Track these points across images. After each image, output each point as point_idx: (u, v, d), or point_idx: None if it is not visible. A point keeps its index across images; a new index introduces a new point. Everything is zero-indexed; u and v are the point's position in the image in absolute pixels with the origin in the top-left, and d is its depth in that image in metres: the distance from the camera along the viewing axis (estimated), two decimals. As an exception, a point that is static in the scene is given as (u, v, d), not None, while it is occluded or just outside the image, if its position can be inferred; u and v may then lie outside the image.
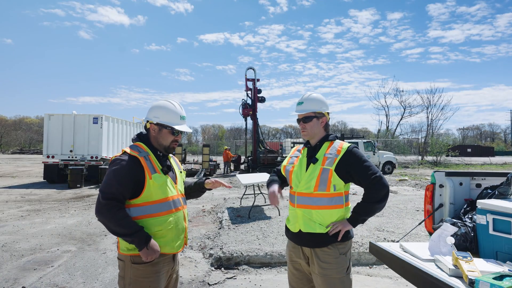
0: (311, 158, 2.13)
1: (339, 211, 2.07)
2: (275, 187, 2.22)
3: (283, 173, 2.32)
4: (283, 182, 2.35)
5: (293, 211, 2.15)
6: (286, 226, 2.27)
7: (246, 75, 19.50)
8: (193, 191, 2.31)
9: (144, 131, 2.14)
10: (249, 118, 20.09)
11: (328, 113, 2.22)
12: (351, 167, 2.03)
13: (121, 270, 1.96)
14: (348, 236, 2.08)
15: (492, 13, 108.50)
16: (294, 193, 2.15)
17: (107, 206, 1.81)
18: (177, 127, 2.03)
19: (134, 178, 1.88)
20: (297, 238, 2.13)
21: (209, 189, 2.29)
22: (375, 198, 2.02)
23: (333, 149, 2.10)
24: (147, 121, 2.06)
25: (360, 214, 2.05)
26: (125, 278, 1.92)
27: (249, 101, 19.63)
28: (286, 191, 2.35)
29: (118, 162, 1.90)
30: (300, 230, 2.09)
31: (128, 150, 1.95)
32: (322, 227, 2.04)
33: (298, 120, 2.20)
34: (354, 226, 2.06)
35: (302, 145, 2.27)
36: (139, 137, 2.07)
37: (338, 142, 2.15)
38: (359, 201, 2.09)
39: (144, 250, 1.84)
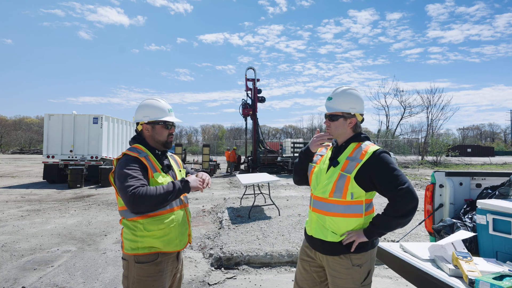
0: (333, 160, 1.94)
1: (357, 220, 1.86)
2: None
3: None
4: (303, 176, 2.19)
5: (310, 214, 2.05)
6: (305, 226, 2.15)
7: (246, 75, 19.53)
8: None
9: (135, 133, 2.15)
10: (249, 118, 20.11)
11: (361, 114, 1.98)
12: (374, 175, 1.80)
13: (125, 270, 1.96)
14: (366, 247, 1.85)
15: (491, 13, 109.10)
16: (312, 195, 2.04)
17: (137, 195, 1.75)
18: (168, 119, 2.08)
19: (141, 171, 1.89)
20: (311, 241, 2.02)
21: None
22: (398, 212, 1.76)
23: (357, 152, 1.88)
24: (138, 123, 2.09)
25: (378, 227, 1.80)
26: (129, 277, 1.92)
27: (249, 101, 19.65)
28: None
29: (122, 159, 1.92)
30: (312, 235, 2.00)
31: (127, 152, 1.96)
32: (334, 236, 1.87)
33: (326, 115, 2.00)
34: (369, 239, 1.82)
35: (330, 143, 2.08)
36: (135, 140, 2.09)
37: (365, 145, 1.90)
38: (379, 213, 1.86)
39: (191, 187, 1.96)
